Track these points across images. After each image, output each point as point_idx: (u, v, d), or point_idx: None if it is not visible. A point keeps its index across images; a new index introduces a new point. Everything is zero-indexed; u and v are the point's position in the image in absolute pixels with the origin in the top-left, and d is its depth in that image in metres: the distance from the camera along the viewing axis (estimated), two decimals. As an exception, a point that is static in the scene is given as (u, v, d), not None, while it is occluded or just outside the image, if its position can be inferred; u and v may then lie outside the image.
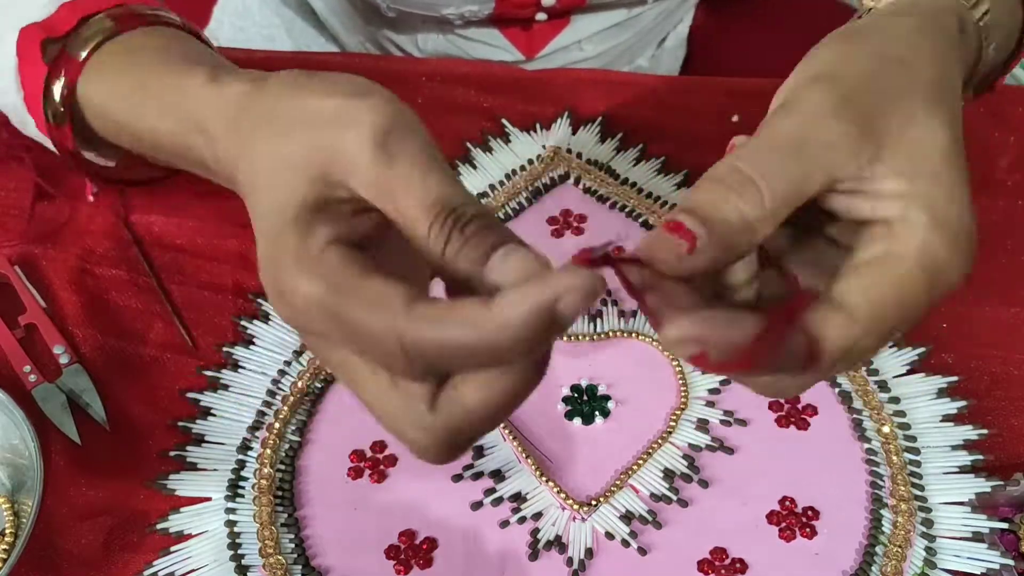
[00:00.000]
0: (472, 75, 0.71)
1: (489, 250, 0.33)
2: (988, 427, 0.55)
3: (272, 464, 0.53)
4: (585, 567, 0.50)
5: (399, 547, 0.51)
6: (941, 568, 0.50)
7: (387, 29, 0.84)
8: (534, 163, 0.66)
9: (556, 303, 0.30)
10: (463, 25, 0.80)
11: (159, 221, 0.62)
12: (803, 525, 0.52)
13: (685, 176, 0.66)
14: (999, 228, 0.63)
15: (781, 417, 0.55)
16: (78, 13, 0.50)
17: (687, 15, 0.93)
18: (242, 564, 0.50)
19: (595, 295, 0.31)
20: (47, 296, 0.59)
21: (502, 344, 0.31)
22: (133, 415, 0.55)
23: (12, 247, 0.60)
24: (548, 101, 0.69)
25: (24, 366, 0.56)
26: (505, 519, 0.52)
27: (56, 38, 0.50)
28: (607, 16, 0.82)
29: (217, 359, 0.57)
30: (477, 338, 0.30)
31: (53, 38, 0.50)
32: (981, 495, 0.52)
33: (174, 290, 0.60)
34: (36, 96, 0.51)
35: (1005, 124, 0.68)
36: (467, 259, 0.33)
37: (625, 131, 0.68)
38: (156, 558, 0.51)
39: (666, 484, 0.53)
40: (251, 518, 0.52)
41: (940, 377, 0.57)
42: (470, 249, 0.33)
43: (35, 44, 0.50)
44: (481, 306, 0.31)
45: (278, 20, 0.91)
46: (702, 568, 0.51)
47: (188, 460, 0.54)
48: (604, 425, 0.55)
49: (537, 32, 0.82)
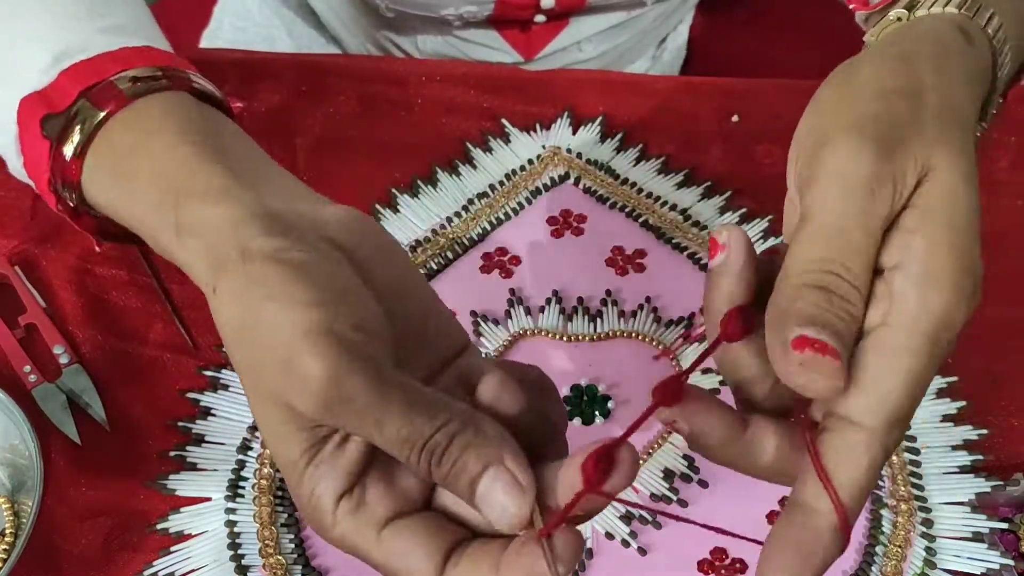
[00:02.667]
0: (472, 75, 0.71)
1: (472, 483, 0.33)
2: (988, 427, 0.55)
3: (272, 464, 0.53)
4: (585, 567, 0.50)
5: (399, 547, 0.51)
6: (941, 568, 0.50)
7: (387, 30, 0.84)
8: (534, 163, 0.66)
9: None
10: (462, 26, 0.80)
11: (159, 221, 0.62)
12: (803, 525, 0.52)
13: (685, 176, 0.66)
14: (999, 228, 0.63)
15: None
16: (78, 85, 0.45)
17: (687, 16, 0.93)
18: (242, 564, 0.50)
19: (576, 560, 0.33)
20: (47, 296, 0.59)
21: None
22: (133, 415, 0.55)
23: (12, 247, 0.60)
24: (548, 101, 0.69)
25: (24, 366, 0.56)
26: (505, 519, 0.52)
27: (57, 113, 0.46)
28: (606, 18, 0.82)
29: (217, 359, 0.57)
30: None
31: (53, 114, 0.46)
32: (981, 495, 0.52)
33: (174, 290, 0.60)
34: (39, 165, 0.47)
35: (1005, 124, 0.68)
36: (455, 490, 0.33)
37: (625, 131, 0.68)
38: (156, 558, 0.51)
39: (666, 484, 0.53)
40: (251, 518, 0.52)
41: (940, 377, 0.57)
42: (453, 481, 0.33)
43: (35, 120, 0.46)
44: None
45: (278, 21, 0.91)
46: (702, 568, 0.51)
47: (188, 460, 0.54)
48: (604, 425, 0.55)
49: (536, 34, 0.82)
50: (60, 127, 0.45)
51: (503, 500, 0.32)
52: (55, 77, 0.46)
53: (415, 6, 0.77)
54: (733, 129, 0.68)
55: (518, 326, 0.59)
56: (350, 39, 0.88)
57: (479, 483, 0.32)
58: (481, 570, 0.33)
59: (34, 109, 0.46)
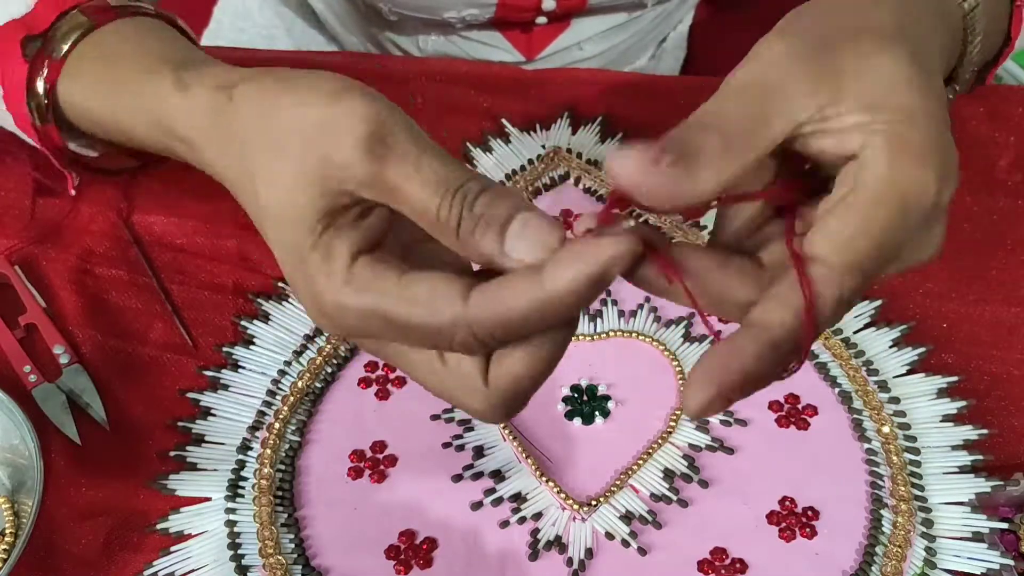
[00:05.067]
0: (472, 75, 0.71)
1: (504, 224, 0.34)
2: (988, 427, 0.55)
3: (272, 464, 0.53)
4: (585, 567, 0.50)
5: (399, 547, 0.51)
6: (941, 568, 0.50)
7: (388, 30, 0.84)
8: (534, 163, 0.66)
9: (604, 272, 0.32)
10: (464, 28, 0.80)
11: (159, 221, 0.62)
12: (803, 525, 0.52)
13: (685, 176, 0.65)
14: (999, 228, 0.63)
15: (781, 417, 0.55)
16: (56, 8, 0.50)
17: (687, 15, 0.93)
18: (242, 564, 0.50)
19: (637, 253, 0.33)
20: (47, 296, 0.59)
21: (559, 311, 0.33)
22: (133, 415, 0.55)
23: (12, 247, 0.60)
24: (548, 101, 0.69)
25: (24, 366, 0.56)
26: (505, 519, 0.52)
27: (36, 35, 0.50)
28: (607, 18, 0.82)
29: (217, 359, 0.57)
30: (537, 310, 0.33)
31: (33, 35, 0.50)
32: (981, 495, 0.52)
33: (174, 290, 0.60)
34: (17, 93, 0.51)
35: (1005, 124, 0.68)
36: (482, 237, 0.34)
37: (625, 131, 0.68)
38: (156, 558, 0.51)
39: (666, 484, 0.53)
40: (251, 518, 0.52)
41: (940, 377, 0.57)
42: (483, 227, 0.34)
43: (15, 42, 0.50)
44: (534, 280, 0.33)
45: (278, 20, 0.91)
46: (702, 568, 0.51)
47: (188, 460, 0.54)
48: (604, 425, 0.55)
49: (537, 34, 0.82)
50: (39, 46, 0.50)
51: (536, 234, 0.33)
52: (32, 6, 0.51)
53: (417, 9, 0.77)
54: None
55: (518, 326, 0.59)
56: (350, 39, 0.88)
57: (512, 223, 0.33)
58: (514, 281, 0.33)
59: (14, 33, 0.50)
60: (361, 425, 0.55)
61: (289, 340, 0.58)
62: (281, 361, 0.57)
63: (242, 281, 0.60)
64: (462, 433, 0.55)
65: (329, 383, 0.57)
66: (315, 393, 0.56)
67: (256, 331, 0.58)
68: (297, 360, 0.57)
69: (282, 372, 0.57)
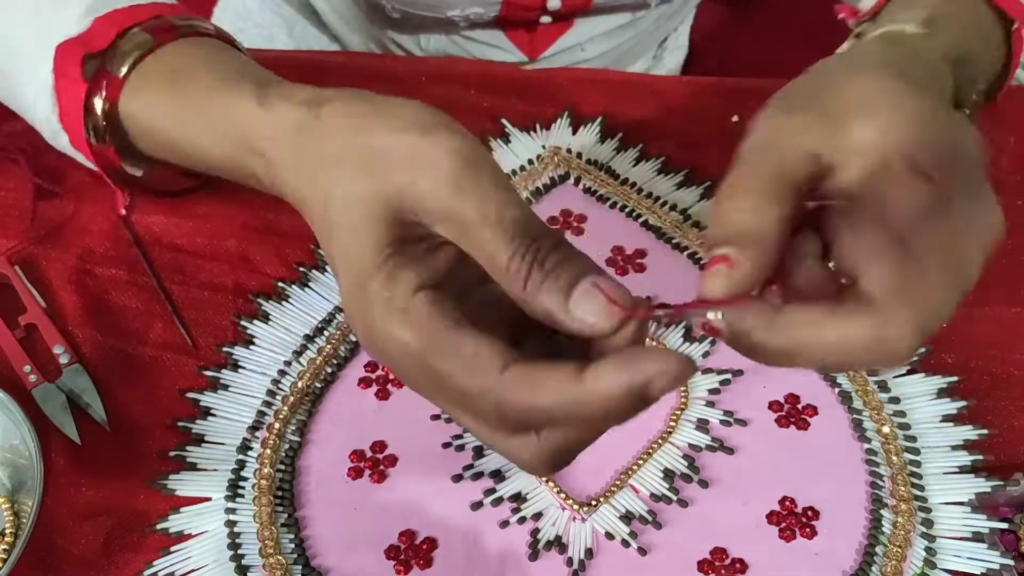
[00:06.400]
0: (472, 75, 0.71)
1: (570, 283, 0.33)
2: (988, 427, 0.55)
3: (272, 464, 0.53)
4: (585, 567, 0.50)
5: (399, 547, 0.51)
6: (941, 568, 0.50)
7: (390, 29, 0.84)
8: (534, 163, 0.66)
9: (647, 385, 0.32)
10: (468, 27, 0.80)
11: (159, 221, 0.62)
12: (803, 525, 0.52)
13: (685, 176, 0.66)
14: (999, 228, 0.63)
15: (781, 417, 0.55)
16: (115, 27, 0.50)
17: (688, 16, 0.93)
18: (242, 564, 0.50)
19: (686, 377, 0.33)
20: (47, 296, 0.59)
21: (593, 415, 0.33)
22: (133, 415, 0.55)
23: (12, 247, 0.60)
24: (548, 101, 0.69)
25: (24, 366, 0.56)
26: (505, 519, 0.52)
27: (95, 53, 0.50)
28: (610, 19, 0.82)
29: (217, 359, 0.57)
30: (570, 409, 0.33)
31: (92, 54, 0.50)
32: (981, 495, 0.52)
33: (174, 290, 0.60)
34: (75, 112, 0.50)
35: (1005, 124, 0.68)
36: (548, 293, 0.34)
37: (625, 131, 0.68)
38: (156, 558, 0.51)
39: (666, 484, 0.53)
40: (251, 518, 0.52)
41: (940, 377, 0.57)
42: (551, 283, 0.34)
43: (75, 61, 0.50)
44: (574, 377, 0.32)
45: (279, 20, 0.91)
46: (702, 568, 0.51)
47: (188, 460, 0.54)
48: (604, 425, 0.55)
49: (540, 34, 0.82)
50: (99, 65, 0.50)
51: (601, 303, 0.33)
52: (90, 24, 0.50)
53: (421, 7, 0.77)
54: (733, 129, 0.68)
55: (518, 326, 0.59)
56: (351, 38, 0.88)
57: (578, 286, 0.33)
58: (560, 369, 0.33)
59: (72, 53, 0.50)
60: (361, 425, 0.55)
61: (289, 340, 0.58)
62: (281, 361, 0.57)
63: (242, 281, 0.60)
64: (462, 433, 0.55)
65: (329, 383, 0.57)
66: (315, 393, 0.56)
67: (256, 331, 0.58)
68: (297, 360, 0.57)
69: (282, 372, 0.57)
